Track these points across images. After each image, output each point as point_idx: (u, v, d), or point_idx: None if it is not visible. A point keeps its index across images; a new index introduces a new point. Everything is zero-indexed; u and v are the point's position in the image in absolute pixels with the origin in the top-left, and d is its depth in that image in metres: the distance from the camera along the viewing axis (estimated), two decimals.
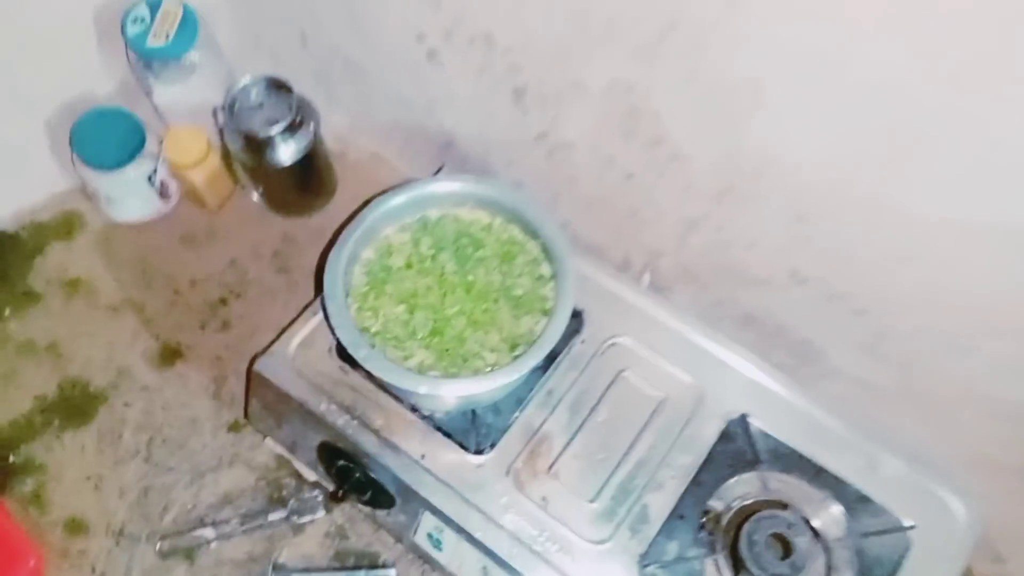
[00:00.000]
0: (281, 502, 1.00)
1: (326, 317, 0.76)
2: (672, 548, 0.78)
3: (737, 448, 0.83)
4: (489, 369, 0.77)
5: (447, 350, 0.79)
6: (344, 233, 0.82)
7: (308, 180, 1.16)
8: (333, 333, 0.76)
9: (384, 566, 0.94)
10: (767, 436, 0.84)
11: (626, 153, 0.96)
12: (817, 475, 0.82)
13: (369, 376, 0.83)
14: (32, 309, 1.15)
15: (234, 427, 1.06)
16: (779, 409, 0.86)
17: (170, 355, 1.12)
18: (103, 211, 1.20)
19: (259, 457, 1.04)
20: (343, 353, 0.84)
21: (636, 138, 0.94)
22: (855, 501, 0.81)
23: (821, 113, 0.76)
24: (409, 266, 0.84)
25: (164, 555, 0.97)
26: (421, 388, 0.73)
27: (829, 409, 0.87)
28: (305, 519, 0.97)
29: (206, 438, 1.06)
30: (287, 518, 0.97)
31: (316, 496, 0.98)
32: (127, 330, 1.14)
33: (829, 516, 0.81)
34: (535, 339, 0.77)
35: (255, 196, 1.21)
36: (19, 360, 1.11)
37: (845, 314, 0.93)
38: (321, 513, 0.98)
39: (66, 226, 1.21)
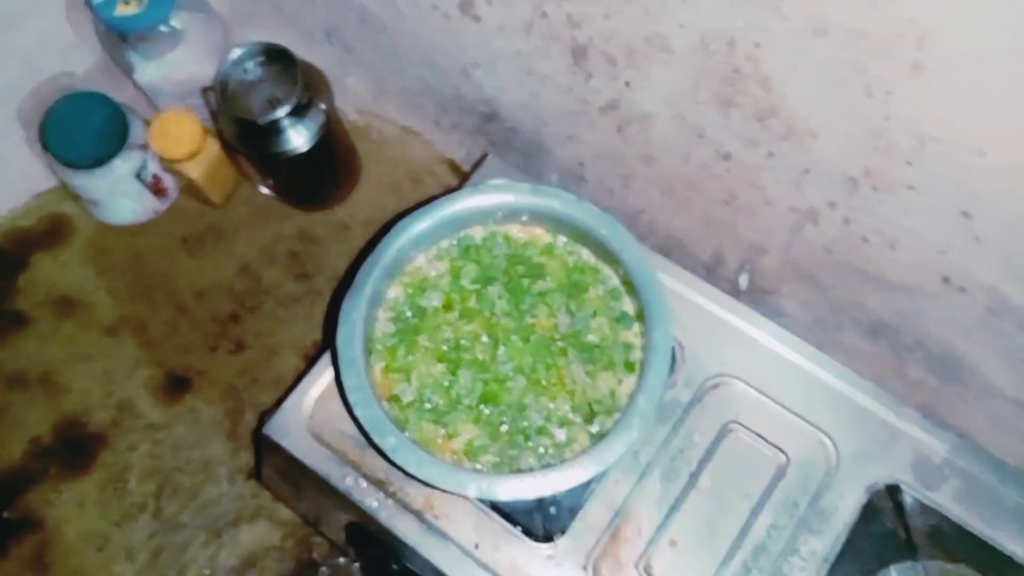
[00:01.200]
0: (311, 567, 0.83)
1: (340, 389, 0.58)
2: None
3: (886, 529, 0.63)
4: (557, 452, 0.58)
5: (502, 424, 0.60)
6: (362, 269, 0.62)
7: (326, 167, 0.96)
8: (350, 412, 0.58)
9: None
10: (927, 511, 0.64)
11: (723, 127, 0.74)
12: (996, 564, 0.62)
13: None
14: (19, 334, 0.99)
15: (254, 473, 0.90)
16: (942, 473, 0.65)
17: (177, 385, 0.95)
18: (91, 214, 1.02)
19: (285, 510, 0.88)
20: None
21: (738, 109, 0.72)
22: None
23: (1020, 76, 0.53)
24: (449, 307, 0.64)
25: None
26: (469, 491, 0.54)
27: (1008, 472, 0.66)
28: None
29: (223, 486, 0.90)
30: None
31: (354, 565, 0.81)
32: (127, 355, 0.97)
33: None
34: (619, 405, 0.57)
35: (264, 189, 1.01)
36: (9, 394, 0.96)
37: (1016, 330, 0.72)
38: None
39: (52, 233, 1.03)
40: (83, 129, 0.93)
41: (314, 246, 1.00)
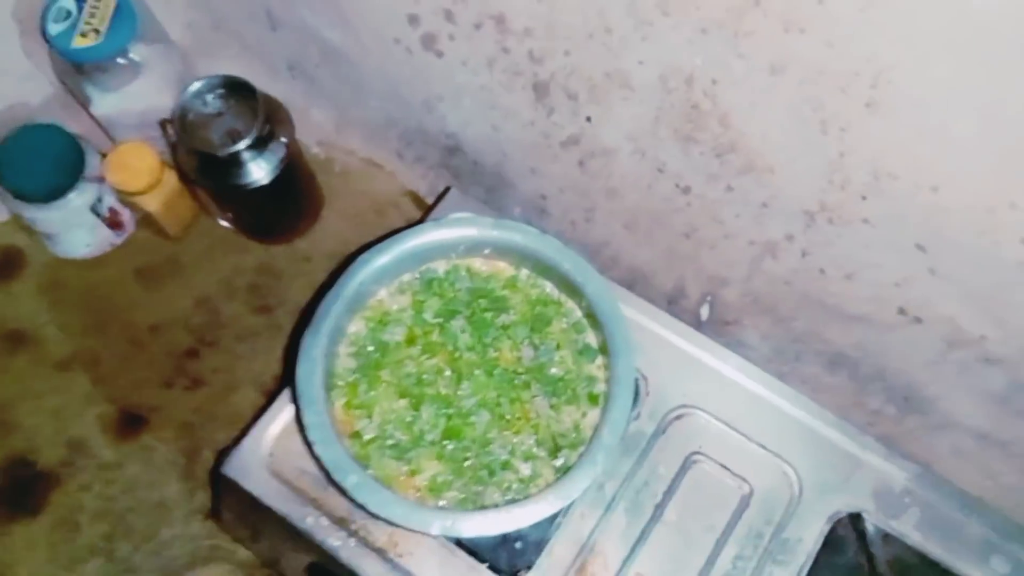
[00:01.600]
0: None
1: (300, 426, 0.57)
2: None
3: (849, 558, 0.64)
4: (521, 487, 0.58)
5: (466, 460, 0.59)
6: (323, 303, 0.61)
7: (287, 200, 0.95)
8: (311, 450, 0.57)
9: None
10: (889, 539, 0.64)
11: (683, 162, 0.76)
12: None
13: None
14: None
15: (211, 514, 0.88)
16: (903, 502, 0.66)
17: (131, 423, 0.93)
18: (45, 247, 1.00)
19: (243, 551, 0.85)
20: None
21: (698, 144, 0.73)
22: None
23: (977, 116, 0.55)
24: (411, 341, 0.63)
25: None
26: (433, 528, 0.53)
27: (968, 502, 0.67)
28: None
29: (177, 527, 0.88)
30: None
31: None
32: (79, 391, 0.95)
33: None
34: (583, 438, 0.57)
35: (223, 221, 1.00)
36: None
37: (973, 362, 0.73)
38: None
39: (3, 265, 1.01)
40: (38, 161, 0.91)
41: (274, 279, 0.99)
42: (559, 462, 0.60)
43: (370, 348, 0.63)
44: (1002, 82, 0.52)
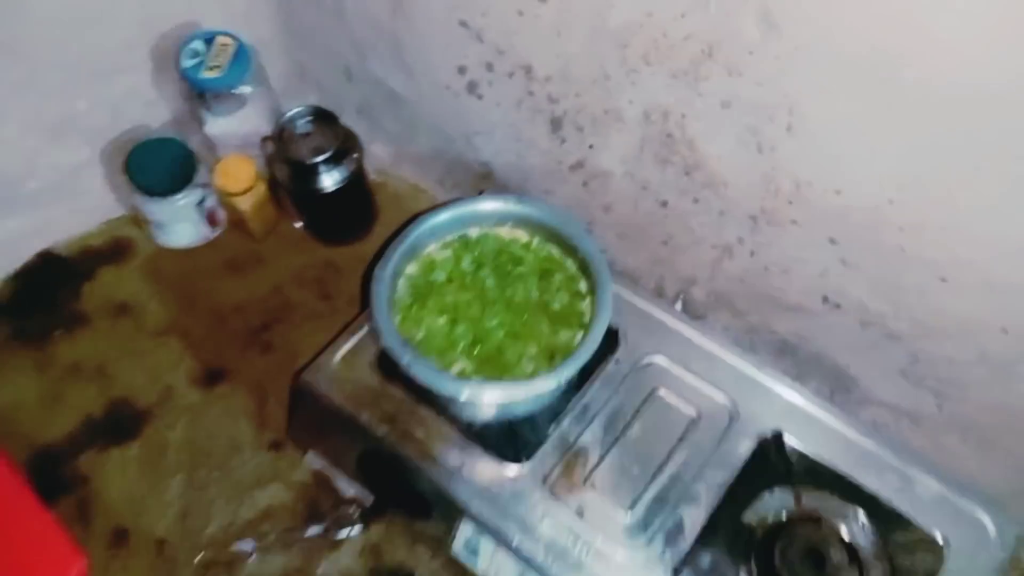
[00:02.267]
0: (319, 518, 1.01)
1: (372, 325, 0.79)
2: (706, 560, 0.79)
3: (770, 465, 0.84)
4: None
5: (487, 360, 0.81)
6: (389, 249, 0.85)
7: (350, 208, 1.20)
8: (378, 340, 0.79)
9: None
10: (801, 454, 0.85)
11: (661, 180, 0.99)
12: (851, 492, 0.83)
13: (410, 388, 0.85)
14: (80, 332, 1.18)
15: (273, 447, 1.08)
16: (814, 428, 0.87)
17: (213, 377, 1.15)
18: (152, 237, 1.24)
19: (297, 476, 1.06)
20: (385, 366, 0.86)
21: (672, 165, 0.96)
22: (888, 518, 0.81)
23: (860, 134, 0.78)
24: (451, 281, 0.86)
25: (204, 568, 0.98)
26: (463, 393, 0.75)
27: (863, 431, 0.87)
28: (343, 534, 0.98)
29: (246, 457, 1.08)
30: (324, 533, 0.98)
31: (353, 512, 0.99)
32: (171, 353, 1.17)
33: (862, 532, 0.81)
34: (573, 350, 0.79)
35: (298, 225, 1.24)
36: (67, 381, 1.15)
37: (880, 339, 0.94)
38: (358, 528, 0.99)
39: (116, 252, 1.25)
40: (160, 165, 1.17)
41: (336, 274, 1.22)
42: (555, 364, 0.81)
43: (420, 284, 0.86)
44: (878, 111, 0.75)
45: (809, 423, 0.87)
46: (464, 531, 0.82)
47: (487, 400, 0.77)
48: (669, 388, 0.89)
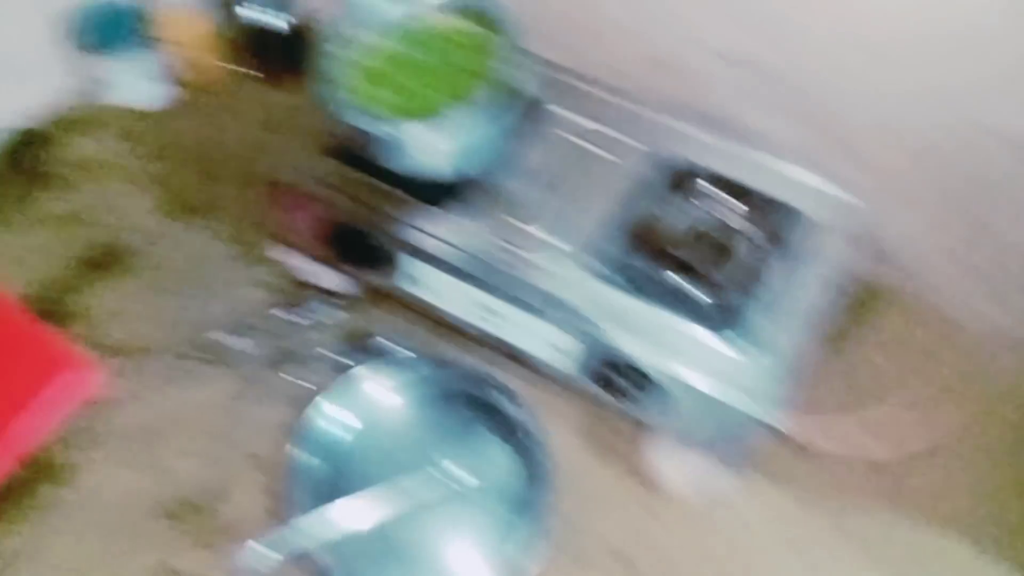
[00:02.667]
0: (298, 305, 1.16)
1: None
2: (614, 250, 0.93)
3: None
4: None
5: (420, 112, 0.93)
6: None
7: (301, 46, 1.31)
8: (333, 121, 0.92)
9: None
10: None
11: None
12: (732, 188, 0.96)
13: (360, 168, 0.98)
14: (60, 190, 1.28)
15: (255, 260, 1.21)
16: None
17: (192, 211, 1.26)
18: (119, 100, 1.33)
19: (277, 279, 1.19)
20: (343, 154, 0.99)
21: None
22: (761, 201, 0.96)
23: None
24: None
25: (202, 359, 1.12)
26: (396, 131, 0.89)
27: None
28: (324, 316, 1.15)
29: (229, 271, 1.21)
30: (304, 315, 1.15)
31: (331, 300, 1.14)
32: (152, 197, 1.27)
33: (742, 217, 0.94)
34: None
35: (251, 72, 1.35)
36: (54, 230, 1.24)
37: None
38: (337, 312, 1.15)
39: (88, 119, 1.34)
40: (108, 24, 1.26)
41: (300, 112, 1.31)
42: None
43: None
44: None
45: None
46: (406, 266, 0.97)
47: (415, 137, 0.90)
48: (587, 140, 1.01)
